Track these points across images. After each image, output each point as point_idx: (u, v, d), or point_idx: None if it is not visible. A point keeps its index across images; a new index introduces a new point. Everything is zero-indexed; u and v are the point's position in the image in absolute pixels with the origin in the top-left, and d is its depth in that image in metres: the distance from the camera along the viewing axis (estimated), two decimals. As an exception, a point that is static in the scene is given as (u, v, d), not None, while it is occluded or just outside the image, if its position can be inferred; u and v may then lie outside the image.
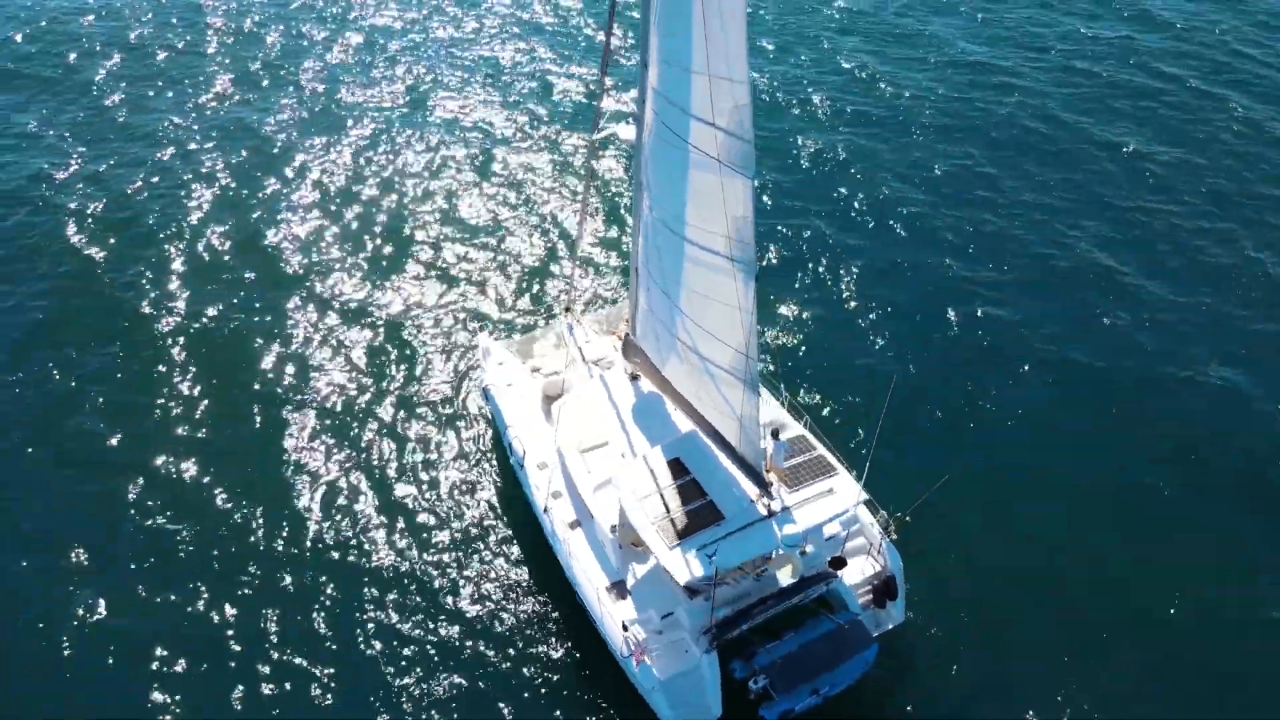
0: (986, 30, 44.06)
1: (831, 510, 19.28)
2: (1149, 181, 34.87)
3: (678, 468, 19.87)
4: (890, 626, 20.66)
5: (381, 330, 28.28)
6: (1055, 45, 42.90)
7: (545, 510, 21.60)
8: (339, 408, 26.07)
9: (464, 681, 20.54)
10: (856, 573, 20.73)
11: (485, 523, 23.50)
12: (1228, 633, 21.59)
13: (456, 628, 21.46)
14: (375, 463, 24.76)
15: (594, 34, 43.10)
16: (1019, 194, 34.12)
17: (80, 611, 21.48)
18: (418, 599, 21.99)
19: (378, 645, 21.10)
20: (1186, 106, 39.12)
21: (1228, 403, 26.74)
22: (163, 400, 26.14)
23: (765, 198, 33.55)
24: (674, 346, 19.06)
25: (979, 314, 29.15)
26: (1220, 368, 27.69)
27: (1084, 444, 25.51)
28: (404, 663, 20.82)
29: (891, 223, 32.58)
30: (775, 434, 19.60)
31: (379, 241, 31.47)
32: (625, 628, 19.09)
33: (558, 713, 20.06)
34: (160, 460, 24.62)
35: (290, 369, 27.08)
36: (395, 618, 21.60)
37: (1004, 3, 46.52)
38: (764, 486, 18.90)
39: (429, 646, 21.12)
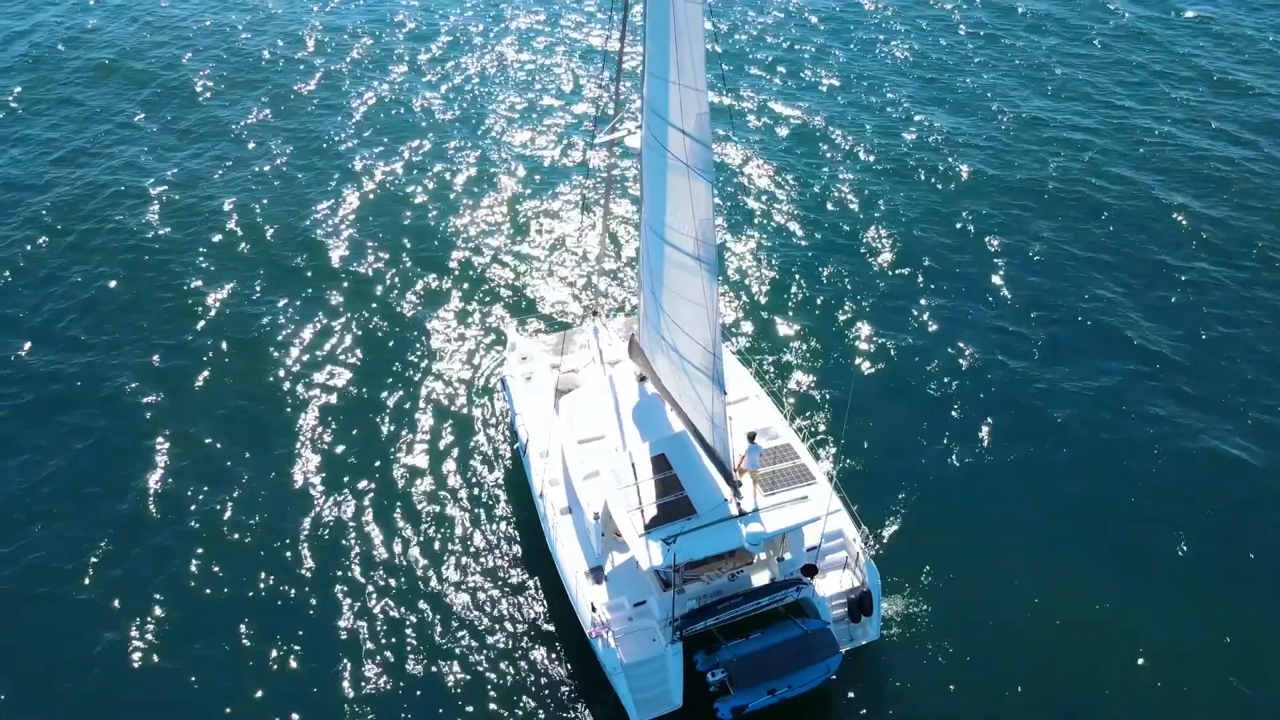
0: (1062, 86, 43.87)
1: (800, 517, 19.85)
2: (1208, 245, 34.01)
3: (662, 463, 20.77)
4: (864, 642, 21.01)
5: (416, 324, 30.02)
6: (1129, 103, 42.53)
7: (540, 495, 22.73)
8: (366, 393, 27.80)
9: (444, 653, 21.72)
10: (834, 584, 21.15)
11: (490, 504, 24.81)
12: (1213, 682, 21.51)
13: (445, 600, 22.70)
14: (393, 444, 26.35)
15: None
16: (1067, 247, 33.81)
17: (82, 552, 23.66)
18: (411, 572, 23.33)
19: (368, 612, 22.48)
20: (1261, 174, 38.32)
21: (1245, 475, 26.12)
22: (205, 370, 28.39)
23: (801, 229, 34.27)
24: (660, 345, 20.06)
25: (999, 359, 29.24)
26: (1246, 440, 27.00)
27: (1087, 496, 25.43)
28: (390, 634, 22.12)
29: (929, 263, 32.84)
30: (751, 437, 20.30)
31: (424, 242, 33.42)
32: (594, 608, 20.00)
33: (526, 693, 21.04)
34: (188, 423, 26.79)
35: (323, 354, 29.00)
36: (387, 589, 22.96)
37: (1087, 60, 46.18)
38: (733, 486, 19.65)
39: (415, 616, 22.38)
